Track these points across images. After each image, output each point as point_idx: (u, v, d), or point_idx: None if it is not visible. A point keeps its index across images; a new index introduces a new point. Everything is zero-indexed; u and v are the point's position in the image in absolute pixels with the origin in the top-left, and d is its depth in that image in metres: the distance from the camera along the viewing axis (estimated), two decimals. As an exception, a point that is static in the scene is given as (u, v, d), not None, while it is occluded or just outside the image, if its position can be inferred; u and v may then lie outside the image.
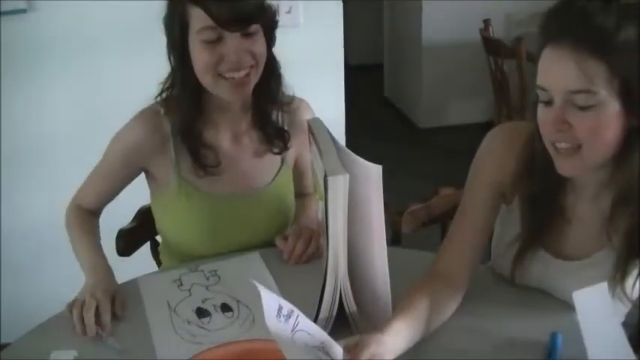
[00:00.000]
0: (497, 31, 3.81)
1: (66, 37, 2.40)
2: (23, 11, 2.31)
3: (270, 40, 1.51)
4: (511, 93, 3.55)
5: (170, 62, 1.51)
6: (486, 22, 3.70)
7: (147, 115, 1.53)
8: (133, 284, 1.44)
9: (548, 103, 1.18)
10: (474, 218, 1.36)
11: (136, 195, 1.62)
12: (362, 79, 5.37)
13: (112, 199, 1.61)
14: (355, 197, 1.16)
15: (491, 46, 3.55)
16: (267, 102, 1.57)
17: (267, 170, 1.61)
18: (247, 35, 1.43)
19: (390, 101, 5.47)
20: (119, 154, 1.55)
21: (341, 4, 2.61)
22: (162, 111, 1.52)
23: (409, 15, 4.90)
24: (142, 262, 1.71)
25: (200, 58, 1.44)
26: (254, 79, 1.48)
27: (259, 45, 1.46)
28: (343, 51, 2.65)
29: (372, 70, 5.65)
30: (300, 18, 2.54)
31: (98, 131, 2.49)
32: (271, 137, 1.59)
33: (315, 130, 1.27)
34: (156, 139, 1.52)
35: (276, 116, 1.61)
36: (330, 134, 1.26)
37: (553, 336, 1.20)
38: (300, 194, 1.72)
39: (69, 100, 2.46)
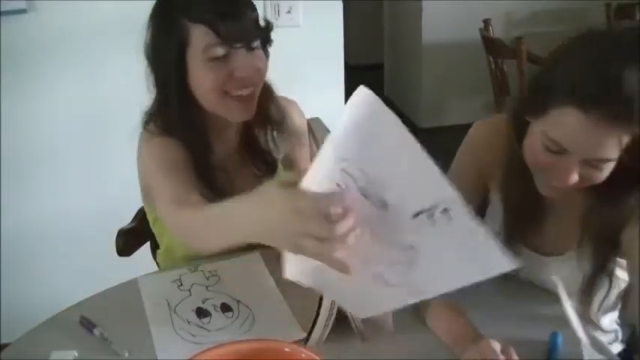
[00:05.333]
0: (497, 31, 3.81)
1: (66, 37, 2.40)
2: (23, 11, 2.31)
3: (266, 56, 1.47)
4: (511, 93, 3.55)
5: (159, 88, 1.44)
6: (486, 21, 3.70)
7: (156, 139, 1.45)
8: (133, 284, 1.44)
9: (557, 151, 1.15)
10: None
11: (136, 195, 1.62)
12: (362, 79, 5.34)
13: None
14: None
15: (491, 45, 3.55)
16: (259, 121, 1.52)
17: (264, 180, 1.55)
18: (251, 50, 1.40)
19: (390, 101, 5.47)
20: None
21: (341, 4, 2.61)
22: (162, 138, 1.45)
23: (409, 15, 4.90)
24: (142, 262, 1.72)
25: (207, 77, 1.39)
26: (257, 96, 1.45)
27: (263, 60, 1.43)
28: (343, 51, 2.65)
29: (372, 70, 5.65)
30: (300, 18, 2.54)
31: (98, 131, 2.51)
32: (256, 161, 1.54)
33: (315, 130, 1.27)
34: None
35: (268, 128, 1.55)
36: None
37: (553, 336, 1.20)
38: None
39: (69, 100, 2.46)
